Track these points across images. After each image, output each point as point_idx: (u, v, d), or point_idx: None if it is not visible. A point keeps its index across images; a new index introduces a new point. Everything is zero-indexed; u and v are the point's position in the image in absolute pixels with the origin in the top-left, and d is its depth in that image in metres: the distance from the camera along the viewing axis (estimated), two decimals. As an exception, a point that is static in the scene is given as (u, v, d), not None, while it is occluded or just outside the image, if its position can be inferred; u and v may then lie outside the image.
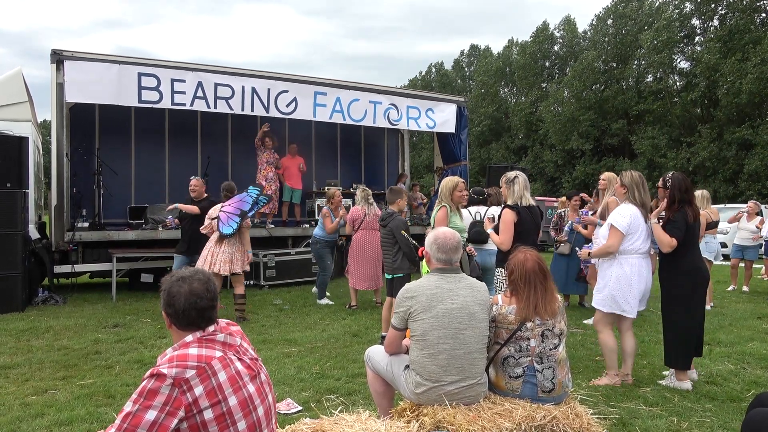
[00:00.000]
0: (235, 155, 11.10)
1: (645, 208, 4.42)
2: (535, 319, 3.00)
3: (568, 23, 38.07)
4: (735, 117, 26.34)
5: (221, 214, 6.87)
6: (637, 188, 4.44)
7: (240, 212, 6.90)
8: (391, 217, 5.85)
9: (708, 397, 4.17)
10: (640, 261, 4.37)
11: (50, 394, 4.18)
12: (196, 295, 1.93)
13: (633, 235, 4.36)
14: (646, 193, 4.47)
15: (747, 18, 26.37)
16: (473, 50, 50.29)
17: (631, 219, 4.35)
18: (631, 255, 4.37)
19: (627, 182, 4.48)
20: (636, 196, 4.43)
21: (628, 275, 4.35)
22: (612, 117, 32.31)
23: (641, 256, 4.39)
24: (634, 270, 4.35)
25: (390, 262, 5.77)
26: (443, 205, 5.19)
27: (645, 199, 4.44)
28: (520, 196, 4.86)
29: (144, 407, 1.72)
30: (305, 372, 4.72)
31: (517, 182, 4.89)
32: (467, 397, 2.88)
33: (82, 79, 8.10)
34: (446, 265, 3.02)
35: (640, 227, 4.37)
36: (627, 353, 4.49)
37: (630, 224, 4.34)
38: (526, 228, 4.81)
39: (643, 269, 4.38)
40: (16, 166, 7.31)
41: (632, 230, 4.35)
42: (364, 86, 10.68)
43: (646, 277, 4.40)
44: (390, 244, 5.78)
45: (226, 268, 6.72)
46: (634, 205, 4.42)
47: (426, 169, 39.58)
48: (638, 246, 4.37)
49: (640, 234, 4.37)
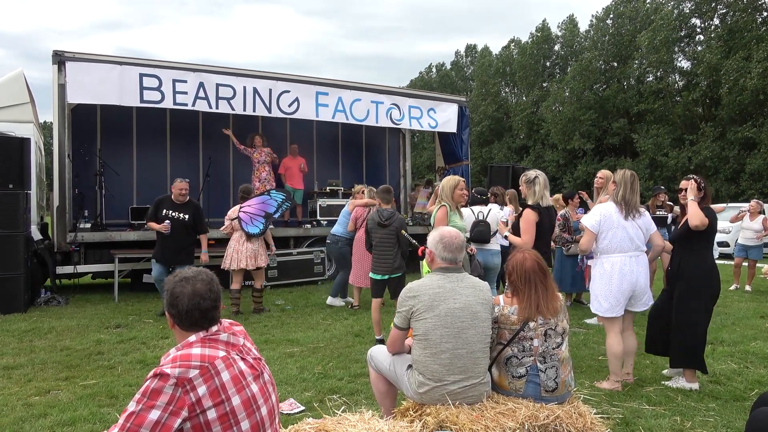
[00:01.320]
0: (237, 156, 11.09)
1: (627, 206, 4.34)
2: (537, 318, 2.99)
3: (570, 22, 38.04)
4: (737, 116, 26.29)
5: (242, 215, 7.38)
6: (624, 186, 4.37)
7: (265, 214, 7.48)
8: (394, 217, 5.80)
9: (711, 396, 4.16)
10: (622, 259, 4.29)
11: (53, 395, 4.19)
12: (200, 296, 1.93)
13: (606, 233, 4.31)
14: (633, 192, 4.38)
15: (748, 17, 26.34)
16: (470, 50, 50.22)
17: (601, 217, 4.34)
18: (612, 254, 4.32)
19: (618, 179, 4.45)
20: (619, 194, 4.37)
21: (608, 273, 4.30)
22: (613, 116, 32.29)
23: (624, 254, 4.30)
24: (615, 269, 4.28)
25: (390, 261, 5.69)
26: (443, 205, 5.13)
27: (630, 198, 4.36)
28: (541, 196, 4.86)
29: (147, 407, 1.72)
30: (308, 372, 4.72)
31: (538, 182, 4.94)
32: (470, 397, 2.88)
33: (83, 80, 8.11)
34: (451, 264, 3.02)
35: (614, 225, 4.31)
36: (626, 352, 4.45)
37: (600, 222, 4.33)
38: (543, 228, 4.84)
39: (625, 267, 4.27)
40: (18, 167, 7.32)
41: (604, 228, 4.32)
42: (366, 86, 10.69)
43: (630, 275, 4.27)
44: (391, 243, 5.69)
45: (252, 263, 7.25)
46: (615, 202, 4.38)
47: (427, 169, 39.56)
48: (616, 244, 4.30)
49: (616, 232, 4.30)
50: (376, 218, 5.83)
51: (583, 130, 32.24)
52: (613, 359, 4.36)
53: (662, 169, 28.20)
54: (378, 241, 5.76)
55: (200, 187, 10.65)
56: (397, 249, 5.69)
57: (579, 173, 32.43)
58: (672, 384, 4.40)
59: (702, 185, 4.37)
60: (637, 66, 31.60)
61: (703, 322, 4.33)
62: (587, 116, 32.06)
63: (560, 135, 33.42)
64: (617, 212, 4.34)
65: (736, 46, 25.71)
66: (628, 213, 4.33)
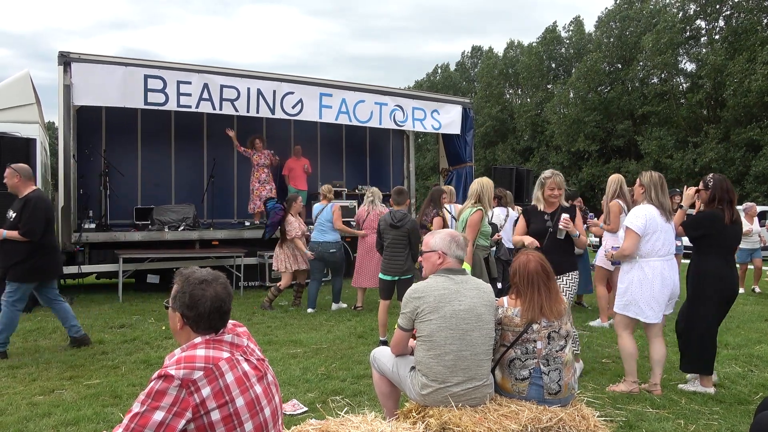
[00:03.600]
0: (240, 157, 11.10)
1: (664, 209, 4.27)
2: (541, 320, 2.99)
3: (576, 24, 37.99)
4: (742, 118, 26.22)
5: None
6: (655, 188, 4.28)
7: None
8: (406, 219, 5.82)
9: (715, 399, 4.15)
10: (662, 263, 4.20)
11: (57, 394, 4.21)
12: (221, 300, 1.94)
13: (650, 236, 4.19)
14: (665, 193, 4.32)
15: (754, 19, 26.26)
16: (475, 51, 50.21)
17: (646, 219, 4.20)
18: (652, 258, 4.20)
19: (645, 182, 4.35)
20: (653, 197, 4.28)
21: (650, 279, 4.18)
22: (617, 118, 32.23)
23: (663, 258, 4.22)
24: (656, 273, 4.18)
25: (401, 263, 5.71)
26: (479, 208, 5.08)
27: (663, 201, 4.29)
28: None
29: (152, 408, 1.73)
30: (311, 373, 4.72)
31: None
32: (473, 399, 2.88)
33: (89, 82, 8.14)
34: (461, 262, 3.07)
35: (658, 228, 4.21)
36: (655, 361, 4.28)
37: (646, 224, 4.19)
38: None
39: (666, 272, 4.20)
40: (24, 167, 7.34)
41: (649, 231, 4.19)
42: (370, 87, 10.70)
43: (670, 280, 4.23)
44: (402, 245, 5.71)
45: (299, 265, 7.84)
46: (652, 205, 4.28)
47: (431, 170, 39.57)
48: (658, 248, 4.21)
49: (659, 235, 4.21)
50: (388, 219, 5.87)
51: (587, 132, 32.19)
52: (629, 359, 4.27)
53: (667, 171, 28.13)
54: (389, 242, 5.78)
55: (204, 187, 10.69)
56: (408, 251, 5.72)
57: (584, 175, 32.39)
58: (687, 387, 4.31)
59: (710, 186, 4.29)
60: (642, 68, 31.55)
61: (708, 328, 4.23)
62: (592, 118, 32.02)
63: (564, 137, 33.38)
64: (659, 215, 4.25)
65: (741, 47, 25.63)
66: (664, 215, 4.27)
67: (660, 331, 4.34)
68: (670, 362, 4.61)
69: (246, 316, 7.21)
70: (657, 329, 4.30)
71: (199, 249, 9.38)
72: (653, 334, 4.30)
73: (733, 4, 27.67)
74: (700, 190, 4.39)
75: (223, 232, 9.68)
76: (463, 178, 11.52)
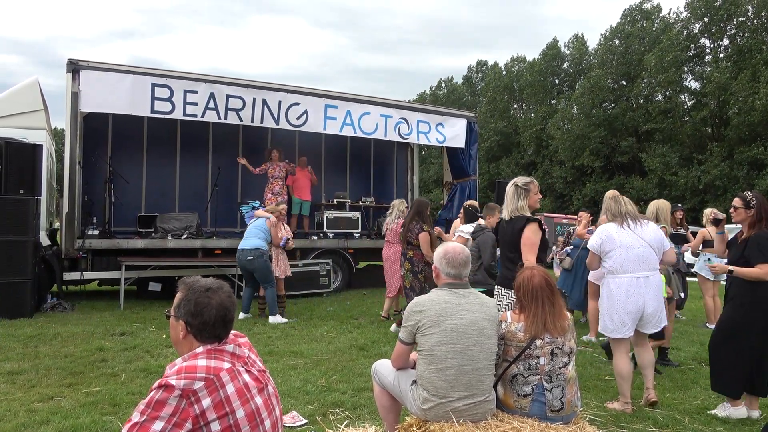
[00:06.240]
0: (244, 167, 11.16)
1: (622, 218, 4.28)
2: (544, 336, 2.97)
3: (577, 41, 38.20)
4: (746, 136, 26.24)
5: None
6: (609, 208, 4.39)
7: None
8: (483, 232, 5.87)
9: (719, 419, 4.10)
10: (629, 281, 4.15)
11: (56, 401, 4.18)
12: (225, 308, 1.93)
13: (610, 253, 4.22)
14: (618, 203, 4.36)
15: (758, 38, 26.37)
16: (481, 65, 50.47)
17: (602, 238, 4.28)
18: (619, 275, 4.19)
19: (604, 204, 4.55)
20: (609, 216, 4.37)
21: (614, 295, 4.21)
22: (621, 134, 32.27)
23: (632, 275, 4.15)
24: (621, 290, 4.17)
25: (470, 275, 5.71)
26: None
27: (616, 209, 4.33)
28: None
29: (151, 418, 1.72)
30: (311, 385, 4.69)
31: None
32: (475, 414, 2.85)
33: (96, 89, 8.22)
34: (456, 279, 3.00)
35: (615, 245, 4.20)
36: (644, 366, 4.35)
37: (602, 243, 4.27)
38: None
39: (632, 289, 4.14)
40: (30, 173, 7.40)
41: (605, 248, 4.24)
42: (375, 100, 10.75)
43: (637, 296, 4.14)
44: (474, 257, 5.71)
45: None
46: (614, 223, 4.32)
47: (434, 183, 39.61)
48: (620, 265, 4.17)
49: (620, 252, 4.18)
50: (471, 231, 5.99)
51: (592, 148, 32.22)
52: (621, 381, 4.27)
53: (671, 188, 28.10)
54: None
55: (208, 196, 10.71)
56: (480, 264, 5.72)
57: (587, 191, 32.36)
58: (718, 412, 4.16)
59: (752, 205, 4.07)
60: (646, 85, 31.65)
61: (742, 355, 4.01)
62: (596, 134, 32.07)
63: (568, 152, 33.41)
64: (618, 230, 4.25)
65: (745, 66, 25.72)
66: (624, 222, 4.26)
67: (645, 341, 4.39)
68: (673, 381, 4.56)
69: (247, 326, 7.19)
70: (642, 338, 4.35)
71: (201, 258, 9.39)
72: (640, 343, 4.38)
73: (737, 24, 27.80)
74: (738, 208, 4.19)
75: (225, 241, 9.69)
76: (466, 192, 11.53)
